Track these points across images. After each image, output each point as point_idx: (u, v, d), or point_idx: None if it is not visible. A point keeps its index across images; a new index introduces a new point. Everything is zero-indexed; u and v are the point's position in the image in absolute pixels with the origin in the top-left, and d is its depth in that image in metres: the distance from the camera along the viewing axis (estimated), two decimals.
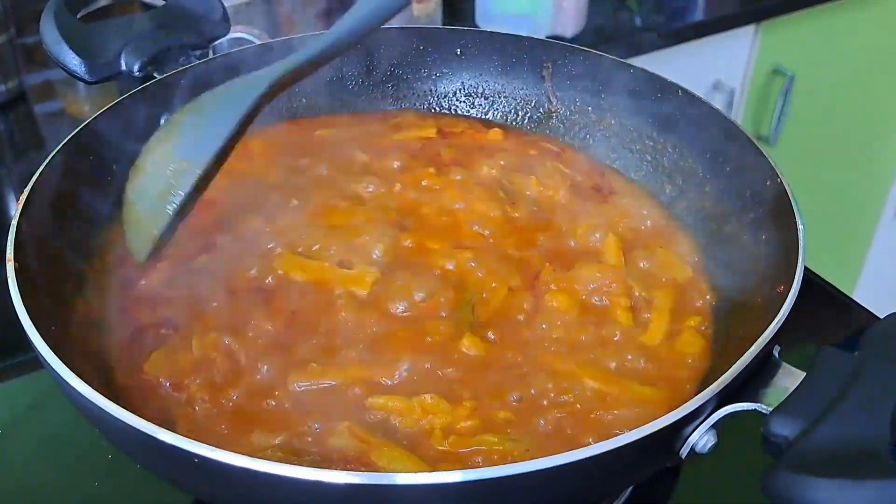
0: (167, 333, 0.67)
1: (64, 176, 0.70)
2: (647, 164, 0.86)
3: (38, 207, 0.66)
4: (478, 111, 0.95)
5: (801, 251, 0.61)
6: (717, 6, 1.71)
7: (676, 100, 0.82)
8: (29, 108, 1.31)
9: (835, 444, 0.46)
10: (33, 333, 0.54)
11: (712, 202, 0.79)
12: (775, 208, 0.68)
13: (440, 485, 0.46)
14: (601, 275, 0.72)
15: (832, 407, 0.48)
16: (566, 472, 0.47)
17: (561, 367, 0.64)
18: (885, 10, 1.99)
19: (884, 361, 0.50)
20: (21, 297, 0.57)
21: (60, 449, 0.74)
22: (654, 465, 0.56)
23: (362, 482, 0.46)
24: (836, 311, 0.91)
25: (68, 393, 0.53)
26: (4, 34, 1.25)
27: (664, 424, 0.49)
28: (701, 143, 0.81)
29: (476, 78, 0.94)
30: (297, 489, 0.46)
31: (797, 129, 1.99)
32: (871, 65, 2.08)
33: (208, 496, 0.59)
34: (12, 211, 0.88)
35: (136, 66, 0.82)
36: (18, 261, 0.60)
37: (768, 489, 0.45)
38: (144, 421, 0.49)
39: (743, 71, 1.85)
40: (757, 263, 0.69)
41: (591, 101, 0.90)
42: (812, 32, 1.88)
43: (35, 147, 1.26)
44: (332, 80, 0.93)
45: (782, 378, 0.53)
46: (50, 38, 0.80)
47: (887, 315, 0.55)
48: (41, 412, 0.77)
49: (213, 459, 0.47)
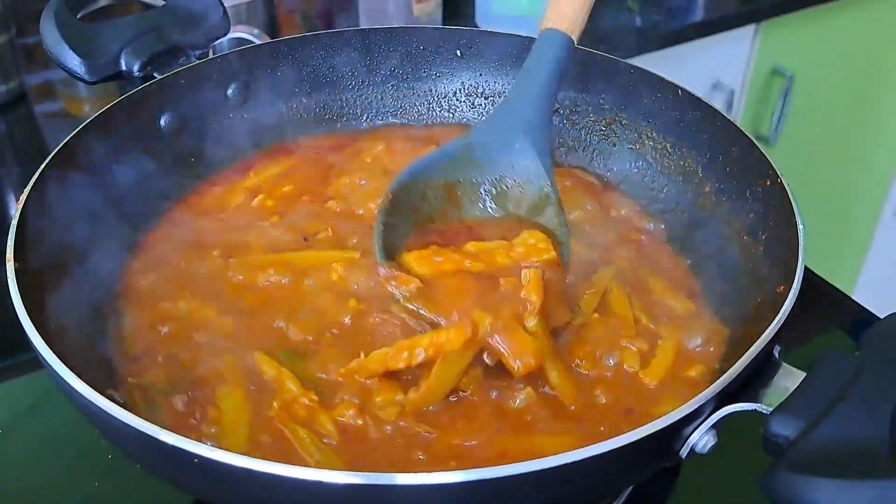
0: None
1: (64, 176, 0.70)
2: (648, 164, 0.86)
3: (37, 207, 0.66)
4: (478, 111, 0.95)
5: (801, 251, 0.61)
6: (717, 6, 1.71)
7: (676, 100, 0.82)
8: (29, 108, 1.31)
9: (835, 444, 0.46)
10: (33, 333, 0.54)
11: (712, 202, 0.79)
12: (775, 208, 0.68)
13: (440, 485, 0.46)
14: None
15: (832, 407, 0.48)
16: (566, 472, 0.47)
17: None
18: (885, 10, 1.99)
19: (884, 361, 0.50)
20: (21, 297, 0.57)
21: (60, 449, 0.74)
22: (654, 465, 0.56)
23: (362, 482, 0.46)
24: (836, 312, 0.91)
25: (68, 393, 0.53)
26: (4, 34, 1.25)
27: (664, 424, 0.49)
28: (701, 143, 0.81)
29: (476, 78, 0.94)
30: (296, 489, 0.46)
31: (797, 129, 1.99)
32: (871, 65, 2.08)
33: (208, 496, 0.59)
34: (12, 211, 0.88)
35: (136, 66, 0.82)
36: (18, 261, 0.60)
37: (768, 489, 0.45)
38: (144, 421, 0.49)
39: (743, 71, 1.85)
40: (757, 264, 0.69)
41: (591, 101, 0.90)
42: (812, 32, 1.88)
43: (35, 147, 1.26)
44: (332, 80, 0.93)
45: (782, 378, 0.53)
46: (50, 38, 0.80)
47: (887, 315, 0.55)
48: (41, 412, 0.77)
49: (213, 459, 0.47)
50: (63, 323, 0.63)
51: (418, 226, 0.72)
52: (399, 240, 0.70)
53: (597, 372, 0.65)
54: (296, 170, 0.87)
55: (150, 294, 0.71)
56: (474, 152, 0.73)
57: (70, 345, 0.61)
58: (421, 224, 0.72)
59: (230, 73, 0.87)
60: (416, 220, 0.72)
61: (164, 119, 0.82)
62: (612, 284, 0.72)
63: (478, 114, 0.95)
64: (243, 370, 0.64)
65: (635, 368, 0.66)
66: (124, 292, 0.72)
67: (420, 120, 0.95)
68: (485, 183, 0.74)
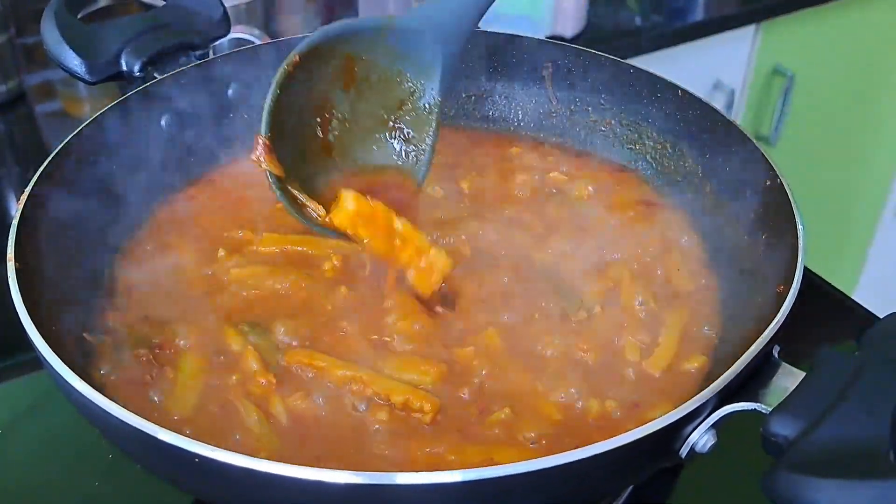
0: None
1: (64, 176, 0.70)
2: (648, 164, 0.86)
3: (38, 207, 0.66)
4: (477, 111, 0.95)
5: (801, 251, 0.62)
6: (717, 6, 1.71)
7: (676, 100, 0.82)
8: (29, 108, 1.31)
9: (835, 444, 0.46)
10: (33, 333, 0.54)
11: (712, 202, 0.79)
12: (775, 208, 0.68)
13: (440, 485, 0.46)
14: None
15: (832, 407, 0.48)
16: (566, 472, 0.47)
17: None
18: (885, 10, 1.99)
19: (884, 361, 0.50)
20: (21, 297, 0.57)
21: (60, 449, 0.74)
22: (654, 465, 0.56)
23: (362, 482, 0.46)
24: (836, 311, 0.91)
25: (68, 393, 0.53)
26: (4, 34, 1.25)
27: (664, 424, 0.49)
28: (701, 143, 0.81)
29: (476, 78, 0.94)
30: (296, 489, 0.46)
31: (797, 129, 1.99)
32: (871, 65, 2.08)
33: (208, 496, 0.59)
34: (12, 211, 0.88)
35: (136, 66, 0.82)
36: (18, 261, 0.60)
37: (768, 489, 0.45)
38: (144, 421, 0.49)
39: (743, 71, 1.85)
40: (757, 263, 0.69)
41: (591, 101, 0.90)
42: (812, 32, 1.88)
43: (35, 147, 1.26)
44: None
45: (782, 378, 0.53)
46: (50, 38, 0.80)
47: (887, 315, 0.55)
48: (41, 412, 0.77)
49: (213, 459, 0.47)
50: (63, 323, 0.63)
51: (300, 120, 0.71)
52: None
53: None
54: None
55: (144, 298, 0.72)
56: (389, 38, 0.72)
57: (70, 345, 0.61)
58: (302, 113, 0.71)
59: (230, 73, 0.87)
60: (303, 102, 0.71)
61: (164, 119, 0.82)
62: (624, 275, 0.73)
63: (477, 114, 0.95)
64: (211, 341, 0.67)
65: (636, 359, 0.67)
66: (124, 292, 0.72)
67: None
68: (384, 71, 0.73)
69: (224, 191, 0.84)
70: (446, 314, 0.69)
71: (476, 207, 0.82)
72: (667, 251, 0.77)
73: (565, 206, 0.83)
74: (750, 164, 0.73)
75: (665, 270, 0.75)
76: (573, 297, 0.71)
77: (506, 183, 0.86)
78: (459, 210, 0.81)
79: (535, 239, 0.78)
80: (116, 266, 0.74)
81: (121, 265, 0.74)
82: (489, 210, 0.81)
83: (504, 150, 0.91)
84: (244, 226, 0.79)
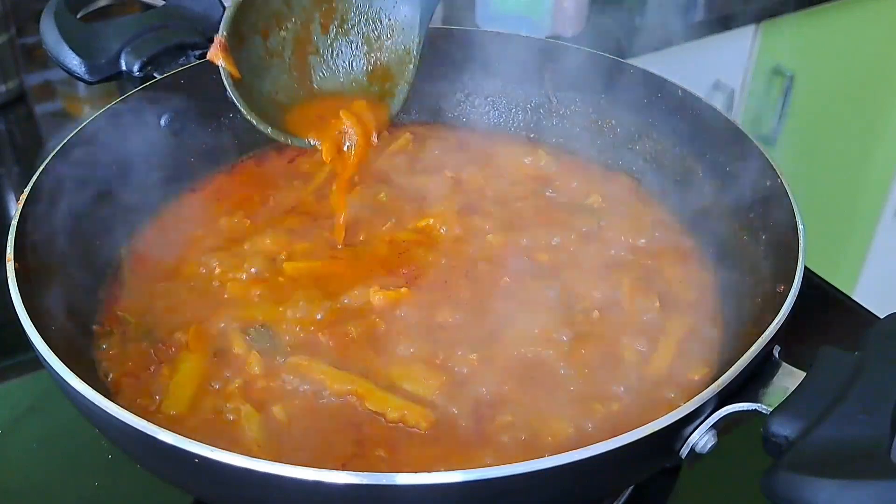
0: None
1: (64, 176, 0.70)
2: (648, 164, 0.86)
3: (38, 207, 0.66)
4: (477, 111, 0.95)
5: (801, 251, 0.62)
6: (717, 6, 1.71)
7: (676, 100, 0.82)
8: (29, 108, 1.31)
9: (835, 444, 0.46)
10: (33, 333, 0.54)
11: (712, 202, 0.79)
12: (775, 208, 0.68)
13: (440, 485, 0.46)
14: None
15: (832, 407, 0.48)
16: (566, 472, 0.47)
17: None
18: (885, 10, 1.99)
19: (884, 361, 0.50)
20: (21, 297, 0.57)
21: (60, 449, 0.74)
22: (654, 465, 0.56)
23: (362, 482, 0.46)
24: (836, 311, 0.91)
25: (68, 393, 0.53)
26: (4, 34, 1.25)
27: (664, 424, 0.49)
28: (701, 143, 0.81)
29: (476, 78, 0.94)
30: (296, 489, 0.46)
31: (797, 129, 1.99)
32: (871, 65, 2.08)
33: (208, 496, 0.59)
34: (12, 211, 0.88)
35: (136, 66, 0.82)
36: (18, 261, 0.60)
37: (768, 489, 0.45)
38: (144, 421, 0.49)
39: (743, 71, 1.85)
40: (757, 263, 0.69)
41: (591, 100, 0.90)
42: (812, 32, 1.88)
43: (35, 147, 1.26)
44: None
45: (782, 378, 0.53)
46: (50, 38, 0.80)
47: (887, 315, 0.55)
48: (41, 412, 0.77)
49: (213, 459, 0.47)
50: (63, 323, 0.63)
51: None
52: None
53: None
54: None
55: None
56: None
57: (70, 345, 0.61)
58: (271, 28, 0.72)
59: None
60: (274, 23, 0.72)
61: (164, 119, 0.82)
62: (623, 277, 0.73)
63: (478, 114, 0.95)
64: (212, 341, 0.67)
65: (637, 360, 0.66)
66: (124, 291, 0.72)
67: (417, 119, 0.95)
68: (361, 9, 0.74)
69: (225, 189, 0.85)
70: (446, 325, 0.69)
71: (476, 207, 0.82)
72: (666, 252, 0.77)
73: (564, 207, 0.83)
74: (750, 164, 0.73)
75: (665, 271, 0.75)
76: (572, 301, 0.71)
77: (505, 184, 0.86)
78: (459, 209, 0.81)
79: (534, 241, 0.78)
80: (116, 266, 0.74)
81: (121, 265, 0.74)
82: (489, 210, 0.81)
83: (503, 149, 0.91)
84: (246, 223, 0.79)
